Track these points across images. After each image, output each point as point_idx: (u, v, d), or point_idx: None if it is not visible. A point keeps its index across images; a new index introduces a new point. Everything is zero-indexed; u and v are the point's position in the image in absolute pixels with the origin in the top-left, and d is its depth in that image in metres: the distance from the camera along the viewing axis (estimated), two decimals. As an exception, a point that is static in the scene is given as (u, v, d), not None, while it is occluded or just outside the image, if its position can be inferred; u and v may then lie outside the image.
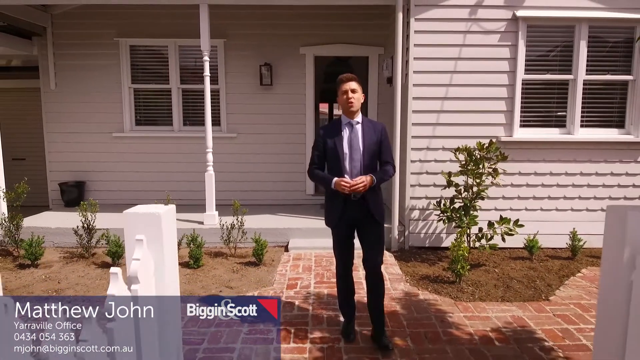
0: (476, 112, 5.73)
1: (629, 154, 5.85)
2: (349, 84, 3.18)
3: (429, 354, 3.23)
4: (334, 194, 3.23)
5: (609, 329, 1.36)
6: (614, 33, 5.77)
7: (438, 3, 5.60)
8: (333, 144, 3.23)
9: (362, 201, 3.21)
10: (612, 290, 1.31)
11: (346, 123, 3.24)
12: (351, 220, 3.27)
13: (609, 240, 1.31)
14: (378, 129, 3.29)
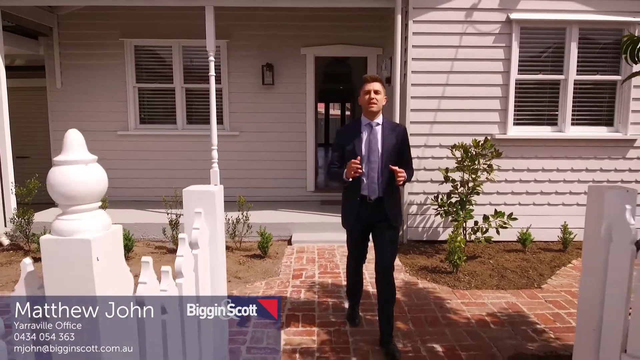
0: (472, 111, 5.97)
1: (618, 151, 6.11)
2: (373, 84, 3.13)
3: (429, 335, 3.46)
4: (351, 195, 3.22)
5: (589, 297, 1.58)
6: (603, 35, 6.02)
7: (435, 6, 5.83)
8: (351, 145, 3.18)
9: (379, 203, 3.17)
10: (592, 261, 1.52)
11: (366, 124, 3.18)
12: (366, 222, 3.25)
13: (590, 216, 1.52)
14: (399, 132, 3.23)
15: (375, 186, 3.15)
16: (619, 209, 1.42)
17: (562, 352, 3.19)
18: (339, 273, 4.84)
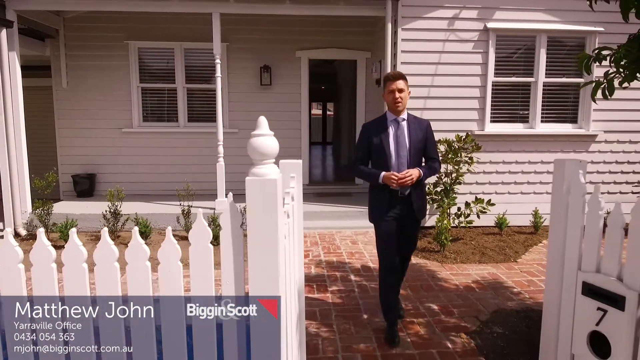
0: (454, 110, 6.66)
1: (581, 145, 6.91)
2: (397, 82, 3.19)
3: (425, 298, 4.11)
4: (379, 190, 3.25)
5: (557, 235, 2.20)
6: (569, 42, 6.81)
7: (422, 15, 6.50)
8: (379, 141, 3.24)
9: (408, 198, 3.24)
10: (558, 209, 2.15)
11: (392, 120, 3.26)
12: (397, 216, 3.28)
13: (556, 179, 2.13)
14: (423, 125, 3.32)
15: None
16: (575, 173, 2.05)
17: (534, 307, 3.88)
18: (340, 253, 5.45)
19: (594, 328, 1.92)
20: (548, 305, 2.19)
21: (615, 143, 6.94)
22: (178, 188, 6.57)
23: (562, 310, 2.08)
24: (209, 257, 1.51)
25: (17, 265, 1.51)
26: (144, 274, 1.50)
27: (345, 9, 6.60)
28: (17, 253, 1.50)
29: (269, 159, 1.41)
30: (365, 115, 8.25)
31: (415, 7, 6.45)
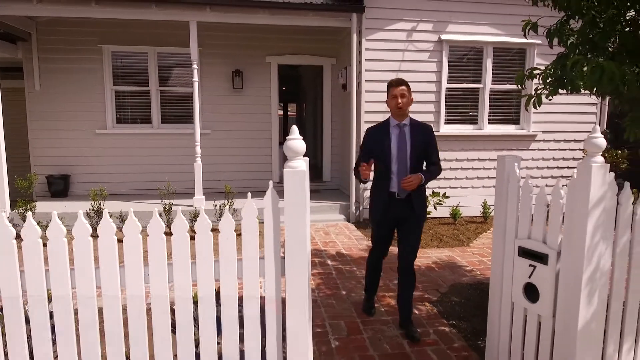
0: (413, 113, 7.31)
1: (523, 143, 7.82)
2: (399, 88, 3.30)
3: (394, 277, 4.72)
4: (380, 192, 3.37)
5: (500, 214, 2.85)
6: (512, 52, 7.68)
7: (383, 27, 7.17)
8: (381, 145, 3.30)
9: (408, 200, 3.32)
10: (500, 194, 2.79)
11: (394, 125, 3.34)
12: (394, 218, 3.39)
13: (498, 170, 2.77)
14: (425, 131, 3.38)
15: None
16: (512, 166, 2.72)
17: (484, 281, 4.61)
18: (316, 242, 6.02)
19: (527, 280, 2.58)
20: (494, 267, 2.85)
21: (552, 142, 7.89)
22: (157, 187, 6.94)
23: (504, 269, 2.74)
24: (234, 241, 2.03)
25: (12, 241, 1.96)
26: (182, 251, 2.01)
27: (314, 19, 7.16)
28: (12, 232, 1.93)
29: (299, 155, 1.96)
30: (331, 116, 8.86)
31: (378, 20, 7.11)
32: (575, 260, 2.30)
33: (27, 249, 1.93)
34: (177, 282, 2.00)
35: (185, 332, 2.02)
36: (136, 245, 1.98)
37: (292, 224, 1.98)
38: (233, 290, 2.04)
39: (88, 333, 1.97)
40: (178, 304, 2.00)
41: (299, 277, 2.02)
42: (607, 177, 2.22)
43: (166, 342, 2.03)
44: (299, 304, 2.04)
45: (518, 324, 2.70)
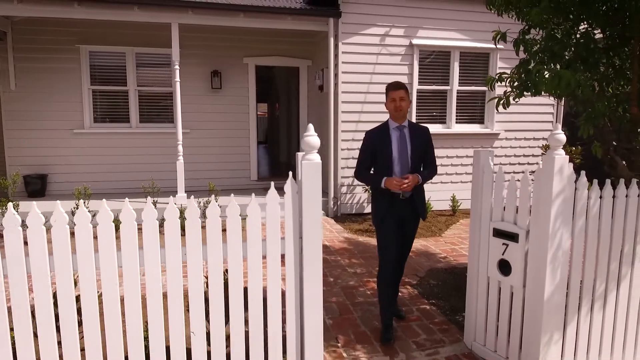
0: (385, 113, 7.77)
1: (488, 141, 8.39)
2: (398, 92, 3.38)
3: (375, 265, 5.13)
4: (381, 194, 3.38)
5: (476, 200, 3.26)
6: (477, 57, 8.23)
7: (358, 32, 7.56)
8: (382, 147, 3.37)
9: (410, 200, 3.42)
10: (476, 185, 3.21)
11: (394, 127, 3.42)
12: (398, 218, 3.40)
13: (475, 165, 3.18)
14: (424, 132, 3.49)
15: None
16: (486, 159, 3.14)
17: (457, 266, 5.06)
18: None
19: (501, 257, 2.99)
20: (472, 246, 3.25)
21: (513, 140, 8.51)
22: (142, 186, 7.07)
23: (481, 249, 3.14)
24: (259, 225, 2.34)
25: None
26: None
27: (293, 23, 7.48)
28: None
29: (314, 150, 2.28)
30: (308, 116, 9.19)
31: (353, 25, 7.50)
32: (541, 237, 2.73)
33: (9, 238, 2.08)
34: (212, 261, 2.29)
35: (219, 300, 2.31)
36: (155, 232, 2.24)
37: (309, 207, 2.32)
38: (258, 263, 2.35)
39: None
40: (212, 277, 2.30)
41: (314, 252, 2.35)
42: (567, 167, 2.66)
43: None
44: (314, 276, 2.38)
45: (493, 295, 3.12)
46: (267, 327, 2.40)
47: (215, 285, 2.31)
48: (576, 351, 2.92)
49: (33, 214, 2.06)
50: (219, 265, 2.30)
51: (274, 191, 2.32)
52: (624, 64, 3.56)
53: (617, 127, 3.82)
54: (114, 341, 2.21)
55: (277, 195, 2.32)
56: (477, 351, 3.27)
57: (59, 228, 2.09)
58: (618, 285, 2.97)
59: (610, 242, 2.90)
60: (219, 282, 2.31)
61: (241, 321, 2.35)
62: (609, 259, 2.91)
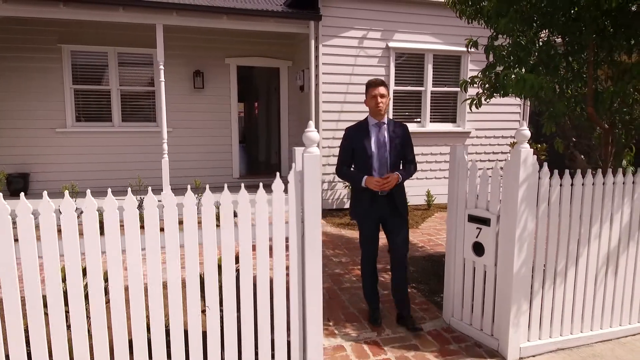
0: (364, 112, 8.10)
1: (459, 139, 8.85)
2: (379, 89, 3.41)
3: (357, 255, 5.47)
4: (361, 192, 3.42)
5: (453, 187, 3.63)
6: (449, 59, 8.67)
7: (338, 34, 7.90)
8: (361, 144, 3.41)
9: (390, 197, 3.44)
10: (453, 175, 3.58)
11: (373, 124, 3.46)
12: (378, 215, 3.46)
13: (451, 159, 3.55)
14: (403, 129, 3.51)
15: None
16: (461, 153, 3.51)
17: (435, 255, 5.45)
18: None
19: (475, 240, 3.36)
20: (449, 232, 3.62)
21: (483, 138, 9.00)
22: (129, 183, 7.21)
23: (457, 233, 3.51)
24: (266, 210, 2.63)
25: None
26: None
27: (275, 25, 7.76)
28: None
29: (314, 144, 2.59)
30: (288, 116, 9.48)
31: (333, 28, 7.83)
32: (509, 220, 3.11)
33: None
34: (225, 241, 2.56)
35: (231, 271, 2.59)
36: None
37: (310, 195, 2.62)
38: (265, 244, 2.64)
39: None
40: (225, 256, 2.57)
41: (314, 233, 2.66)
42: (531, 158, 3.04)
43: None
44: (315, 254, 2.68)
45: (468, 275, 3.50)
46: (273, 299, 2.69)
47: (228, 262, 2.58)
48: (541, 320, 3.31)
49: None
50: (231, 246, 2.58)
51: (279, 180, 2.61)
52: (581, 68, 4.01)
53: (575, 124, 4.27)
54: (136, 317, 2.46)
55: (282, 184, 2.62)
56: (455, 325, 3.64)
57: (88, 214, 2.33)
58: (577, 263, 3.39)
59: (569, 224, 3.31)
60: (231, 260, 2.58)
61: (250, 294, 2.63)
62: (568, 239, 3.32)
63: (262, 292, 2.66)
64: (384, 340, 3.46)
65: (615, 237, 3.47)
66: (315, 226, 2.66)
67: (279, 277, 2.68)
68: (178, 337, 2.52)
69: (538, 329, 3.31)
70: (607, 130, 3.97)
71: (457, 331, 3.60)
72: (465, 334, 3.53)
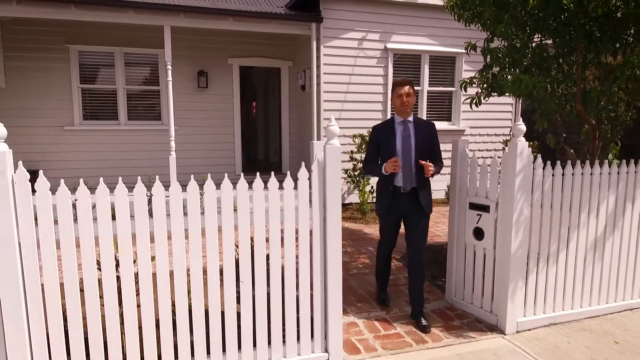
0: (364, 110, 8.50)
1: (455, 137, 9.05)
2: (405, 88, 3.51)
3: (363, 245, 5.81)
4: (385, 187, 3.59)
5: (454, 186, 3.96)
6: (444, 60, 9.02)
7: (338, 36, 8.21)
8: (387, 141, 3.54)
9: (413, 194, 3.54)
10: (455, 172, 3.91)
11: (399, 122, 3.57)
12: (400, 211, 3.59)
13: (453, 152, 3.89)
14: (428, 127, 3.63)
15: (409, 178, 3.52)
16: (463, 147, 3.84)
17: (434, 244, 5.79)
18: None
19: (475, 225, 3.69)
20: (451, 219, 3.95)
21: (477, 135, 9.37)
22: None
23: (459, 220, 3.84)
24: (292, 194, 2.94)
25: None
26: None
27: (278, 27, 8.05)
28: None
29: (336, 136, 2.90)
30: (289, 114, 9.79)
31: (334, 29, 8.14)
32: (507, 207, 3.45)
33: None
34: (256, 225, 2.87)
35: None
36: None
37: (331, 182, 2.93)
38: (291, 227, 2.94)
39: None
40: (257, 237, 2.87)
41: (335, 216, 2.97)
42: (527, 150, 3.38)
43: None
44: (335, 234, 2.99)
45: (469, 258, 3.83)
46: (299, 273, 2.98)
47: (259, 241, 2.88)
48: (536, 297, 3.66)
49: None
50: (262, 226, 2.88)
51: (304, 170, 2.92)
52: (571, 69, 4.36)
53: (565, 121, 4.63)
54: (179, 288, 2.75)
55: (306, 172, 2.92)
56: (457, 304, 3.98)
57: (139, 200, 2.62)
58: (567, 246, 3.73)
59: (560, 210, 3.65)
60: (262, 239, 2.88)
61: (279, 268, 2.94)
62: (560, 224, 3.66)
63: (289, 270, 2.97)
64: (392, 317, 3.78)
65: (601, 223, 3.82)
66: (336, 209, 2.97)
67: (304, 255, 2.99)
68: (215, 314, 2.81)
69: (533, 306, 3.66)
70: (594, 126, 4.32)
71: (459, 309, 3.93)
72: (467, 312, 3.87)
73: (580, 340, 3.48)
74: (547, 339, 3.49)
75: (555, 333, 3.58)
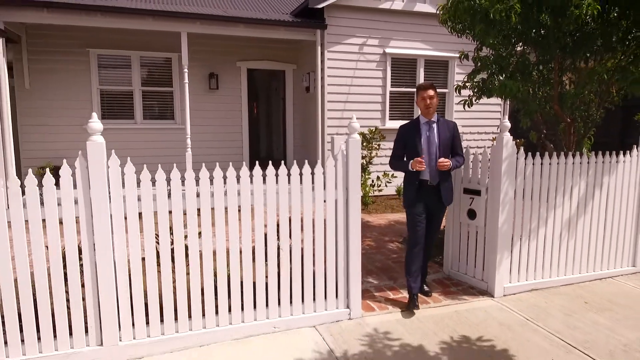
0: (365, 110, 9.18)
1: (447, 135, 9.93)
2: (428, 91, 3.77)
3: (368, 231, 6.48)
4: (410, 181, 3.89)
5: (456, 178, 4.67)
6: (438, 64, 9.73)
7: (341, 41, 8.89)
8: (413, 140, 3.80)
9: (436, 188, 3.84)
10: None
11: (424, 122, 3.84)
12: (425, 203, 3.88)
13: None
14: (450, 126, 3.89)
15: (434, 173, 3.82)
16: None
17: (431, 230, 6.48)
18: (298, 213, 7.61)
19: (469, 207, 4.38)
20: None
21: (468, 134, 10.09)
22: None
23: (455, 203, 4.53)
24: (321, 178, 3.60)
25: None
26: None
27: (285, 33, 8.71)
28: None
29: (357, 132, 3.57)
30: (294, 115, 10.45)
31: (337, 35, 8.82)
32: (495, 189, 4.14)
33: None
34: (294, 203, 3.53)
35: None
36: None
37: (353, 169, 3.60)
38: (321, 203, 3.61)
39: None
40: (294, 215, 3.53)
41: (356, 197, 3.64)
42: (511, 142, 4.08)
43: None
44: (356, 212, 3.66)
45: (464, 235, 4.53)
46: (327, 244, 3.65)
47: (295, 217, 3.55)
48: (519, 267, 4.36)
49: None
50: (298, 205, 3.54)
51: (331, 158, 3.59)
52: (549, 75, 5.07)
53: (545, 119, 5.35)
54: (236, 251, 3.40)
55: (333, 160, 3.59)
56: (453, 275, 4.68)
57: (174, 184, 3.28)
58: (546, 224, 4.44)
59: (539, 193, 4.36)
60: (297, 217, 3.55)
61: (311, 240, 3.60)
62: (539, 205, 4.37)
63: (318, 241, 3.63)
64: (399, 285, 4.47)
65: (574, 205, 4.54)
66: (357, 192, 3.64)
67: (330, 229, 3.65)
68: (260, 276, 3.47)
69: (517, 274, 4.36)
70: (569, 124, 5.04)
71: (455, 279, 4.63)
72: (462, 281, 4.57)
73: (556, 301, 4.19)
74: (529, 300, 4.20)
75: (535, 296, 4.29)
